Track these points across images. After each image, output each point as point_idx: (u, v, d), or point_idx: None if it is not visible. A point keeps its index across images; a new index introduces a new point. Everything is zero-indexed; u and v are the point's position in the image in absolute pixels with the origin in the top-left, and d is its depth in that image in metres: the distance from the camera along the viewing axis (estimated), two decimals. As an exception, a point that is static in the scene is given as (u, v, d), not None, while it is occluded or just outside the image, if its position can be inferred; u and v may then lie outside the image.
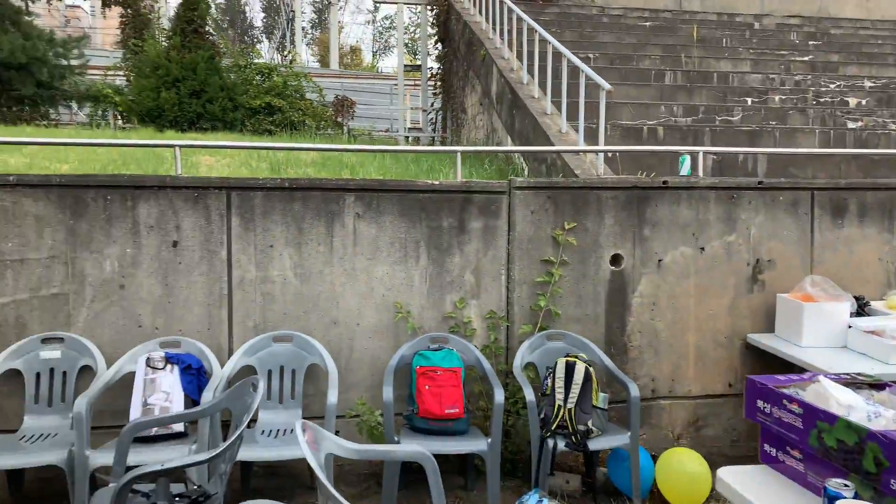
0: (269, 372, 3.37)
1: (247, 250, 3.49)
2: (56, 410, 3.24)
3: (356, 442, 2.14)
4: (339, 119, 12.10)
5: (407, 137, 13.49)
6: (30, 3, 10.60)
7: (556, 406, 3.10)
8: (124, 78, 11.58)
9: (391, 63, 36.46)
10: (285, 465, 3.54)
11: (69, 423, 3.20)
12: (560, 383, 3.11)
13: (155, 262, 3.42)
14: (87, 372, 3.31)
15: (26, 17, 10.18)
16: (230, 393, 2.43)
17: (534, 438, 3.10)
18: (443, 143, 11.53)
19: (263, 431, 3.21)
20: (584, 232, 3.74)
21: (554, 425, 3.08)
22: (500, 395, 3.08)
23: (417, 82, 17.23)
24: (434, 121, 12.65)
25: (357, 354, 3.57)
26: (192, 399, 3.17)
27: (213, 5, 11.24)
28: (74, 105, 10.26)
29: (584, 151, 5.42)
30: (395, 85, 17.99)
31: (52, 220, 3.35)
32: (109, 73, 11.65)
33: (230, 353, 3.46)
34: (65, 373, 3.27)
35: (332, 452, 1.98)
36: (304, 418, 3.35)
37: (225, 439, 3.17)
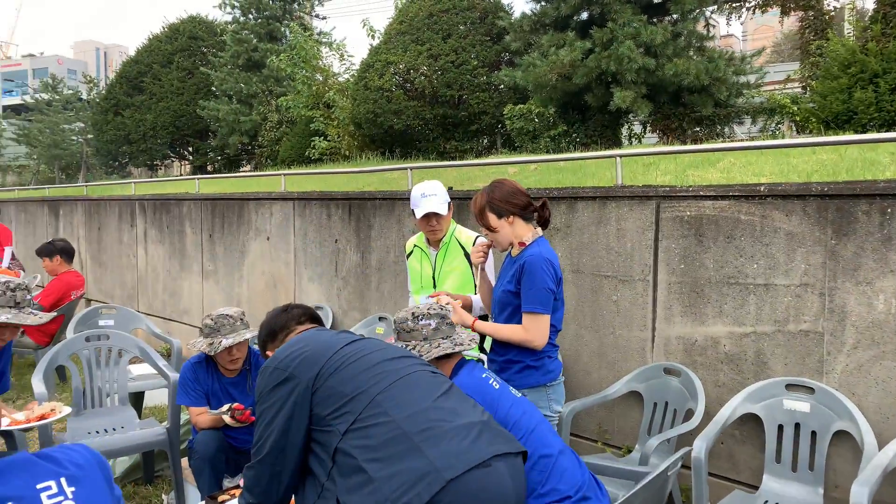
0: None
1: None
2: (801, 478, 2.59)
3: None
4: None
5: None
6: (711, 28, 10.97)
7: None
8: (799, 87, 10.72)
9: None
10: None
11: (820, 500, 2.49)
12: None
13: (957, 305, 2.36)
14: (842, 438, 2.54)
15: (708, 43, 10.52)
16: None
17: None
18: None
19: None
20: None
21: None
22: None
23: None
24: None
25: None
26: None
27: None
28: (749, 120, 10.02)
29: None
30: None
31: (806, 238, 2.72)
32: (787, 84, 11.02)
33: None
34: (813, 432, 2.59)
35: None
36: None
37: None
